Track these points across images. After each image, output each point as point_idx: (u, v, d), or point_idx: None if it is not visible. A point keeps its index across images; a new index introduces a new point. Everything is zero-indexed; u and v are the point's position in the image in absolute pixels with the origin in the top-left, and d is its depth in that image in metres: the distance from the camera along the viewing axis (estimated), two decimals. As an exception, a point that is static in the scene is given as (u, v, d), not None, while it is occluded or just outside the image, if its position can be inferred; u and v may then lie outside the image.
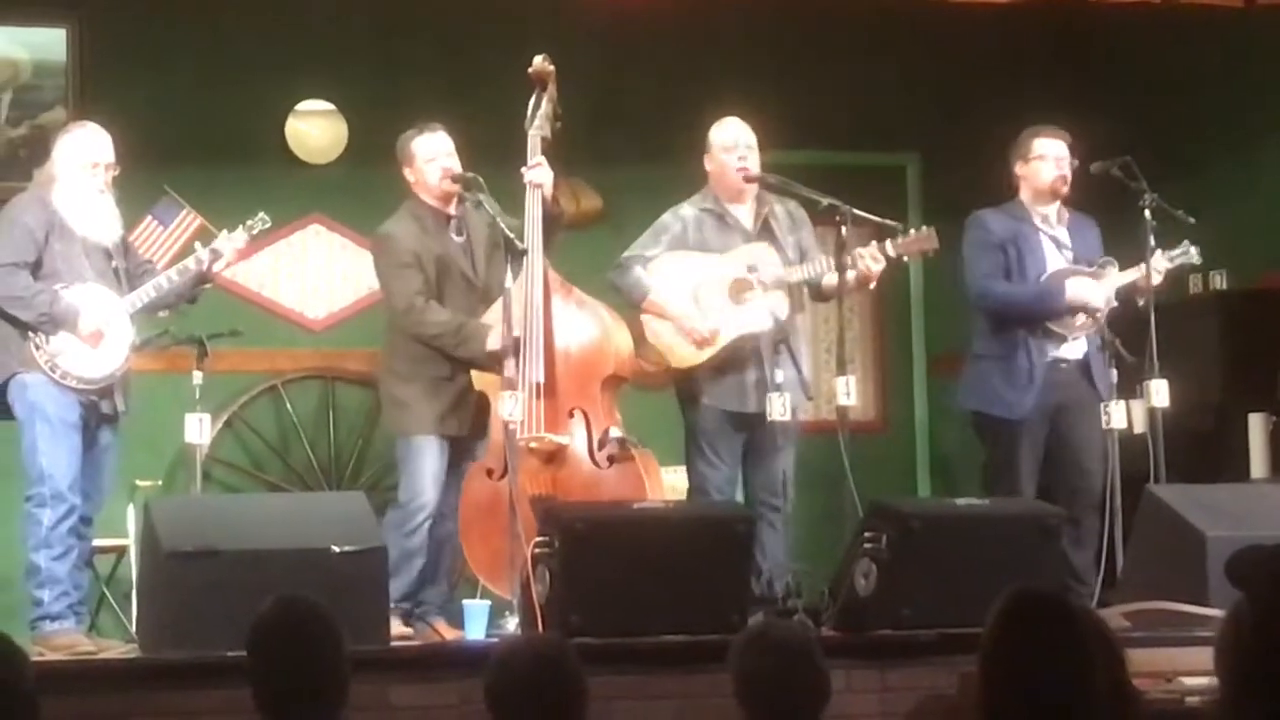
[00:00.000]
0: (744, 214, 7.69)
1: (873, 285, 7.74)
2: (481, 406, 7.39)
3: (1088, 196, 8.11)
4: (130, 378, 7.28)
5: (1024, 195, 8.00)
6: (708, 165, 7.71)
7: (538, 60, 7.50)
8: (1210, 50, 9.81)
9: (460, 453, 7.46)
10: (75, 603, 7.07)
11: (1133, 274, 7.85)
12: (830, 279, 7.51)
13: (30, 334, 7.01)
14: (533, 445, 7.28)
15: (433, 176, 7.46)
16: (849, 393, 7.35)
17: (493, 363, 7.14)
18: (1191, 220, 7.90)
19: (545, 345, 7.37)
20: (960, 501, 7.15)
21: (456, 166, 7.48)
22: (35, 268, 7.04)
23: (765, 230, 7.67)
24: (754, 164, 7.62)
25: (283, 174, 9.45)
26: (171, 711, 5.87)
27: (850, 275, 7.46)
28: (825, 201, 7.48)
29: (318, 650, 4.16)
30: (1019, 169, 7.99)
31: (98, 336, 7.06)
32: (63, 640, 6.87)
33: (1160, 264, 7.87)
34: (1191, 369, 8.57)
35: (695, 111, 8.05)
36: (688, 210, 7.71)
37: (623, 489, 7.28)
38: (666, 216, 7.72)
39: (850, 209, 7.38)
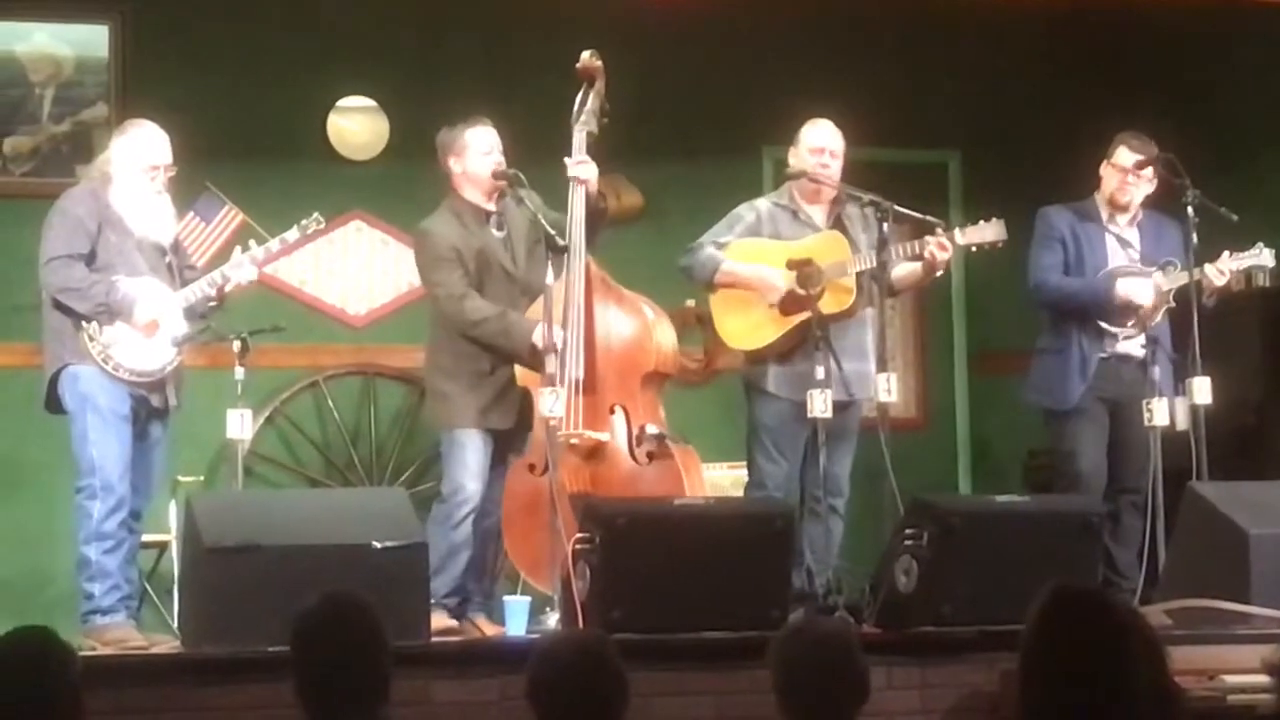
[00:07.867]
0: (818, 213, 7.71)
1: (939, 273, 7.73)
2: (525, 400, 7.40)
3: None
4: (182, 372, 7.29)
5: (1099, 192, 8.03)
6: (791, 159, 7.71)
7: (585, 56, 7.47)
8: (1256, 46, 9.76)
9: (504, 447, 7.47)
10: (125, 596, 7.09)
11: (1191, 275, 7.79)
12: (899, 270, 7.53)
13: (84, 325, 7.02)
14: (573, 441, 7.27)
15: (485, 169, 7.45)
16: (890, 389, 7.33)
17: (535, 359, 7.16)
18: (1235, 218, 7.87)
19: (586, 342, 7.35)
20: (1001, 498, 7.14)
21: (503, 162, 7.49)
22: (89, 259, 7.06)
23: (838, 227, 7.68)
24: (835, 171, 7.64)
25: (324, 170, 9.47)
26: (212, 706, 5.88)
27: (902, 271, 7.52)
28: (867, 197, 7.48)
29: (360, 645, 4.17)
30: (1102, 167, 8.05)
31: (153, 327, 7.08)
32: (114, 634, 6.88)
33: (1229, 265, 7.83)
34: (1234, 366, 8.54)
35: (737, 108, 8.05)
36: (762, 203, 7.77)
37: (661, 485, 7.27)
38: (741, 208, 7.76)
39: (892, 205, 7.37)
